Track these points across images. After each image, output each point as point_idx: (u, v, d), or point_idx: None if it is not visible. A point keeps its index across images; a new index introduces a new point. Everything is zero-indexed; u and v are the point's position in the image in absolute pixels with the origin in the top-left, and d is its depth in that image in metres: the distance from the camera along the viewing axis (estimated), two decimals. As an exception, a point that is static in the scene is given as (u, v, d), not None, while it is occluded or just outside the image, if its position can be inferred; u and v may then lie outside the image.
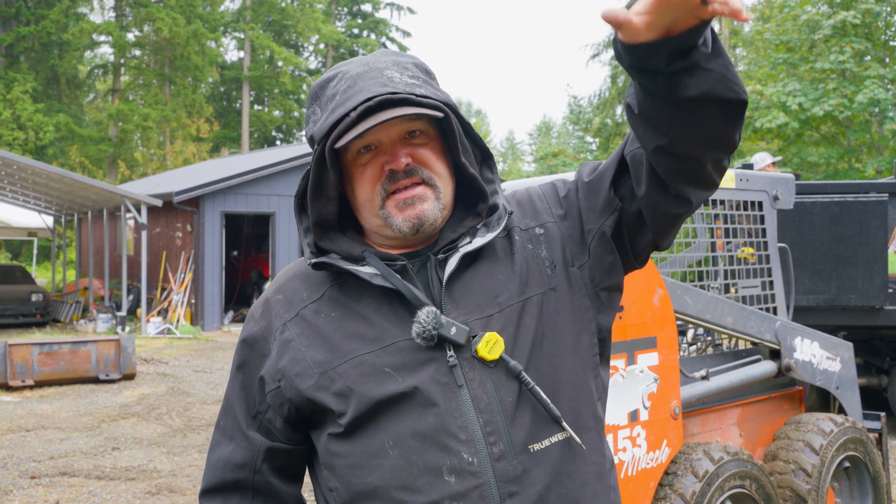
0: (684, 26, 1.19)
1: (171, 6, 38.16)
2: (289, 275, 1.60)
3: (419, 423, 1.39)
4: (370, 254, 1.48)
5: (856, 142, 19.62)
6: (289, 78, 44.75)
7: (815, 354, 4.64)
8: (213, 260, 19.10)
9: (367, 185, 1.47)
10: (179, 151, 40.02)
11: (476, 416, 1.38)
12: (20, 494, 6.53)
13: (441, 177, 1.49)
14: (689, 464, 3.69)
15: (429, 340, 1.40)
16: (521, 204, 1.60)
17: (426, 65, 1.55)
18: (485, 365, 1.41)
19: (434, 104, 1.43)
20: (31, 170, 17.14)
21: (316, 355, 1.46)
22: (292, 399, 1.48)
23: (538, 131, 59.54)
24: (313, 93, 1.53)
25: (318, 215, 1.50)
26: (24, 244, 34.83)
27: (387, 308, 1.46)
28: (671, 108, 1.29)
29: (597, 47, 39.53)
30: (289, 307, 1.53)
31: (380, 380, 1.41)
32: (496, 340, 1.41)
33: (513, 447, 1.38)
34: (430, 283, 1.47)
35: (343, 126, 1.41)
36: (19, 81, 35.04)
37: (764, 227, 4.72)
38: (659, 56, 1.22)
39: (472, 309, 1.45)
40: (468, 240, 1.49)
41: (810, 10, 19.03)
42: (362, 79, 1.45)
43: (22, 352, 11.11)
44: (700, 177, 1.40)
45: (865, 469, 4.65)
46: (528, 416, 1.41)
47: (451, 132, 1.48)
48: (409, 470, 1.38)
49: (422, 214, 1.45)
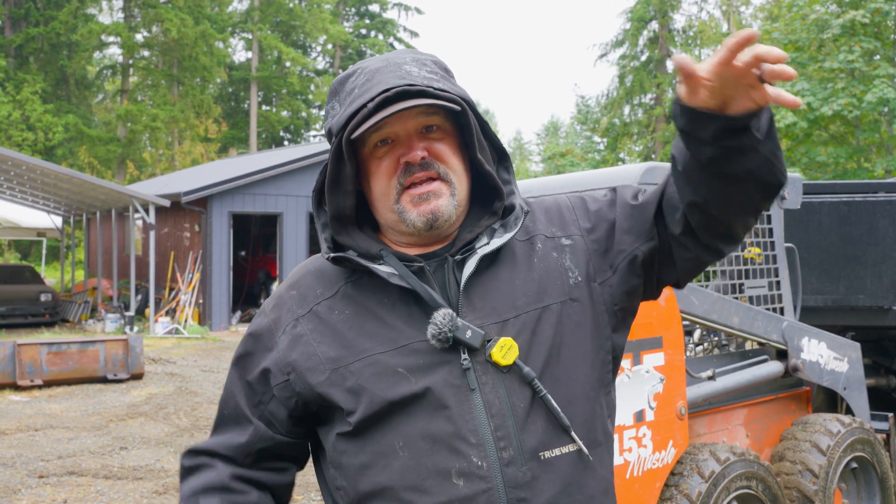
0: (741, 108, 1.25)
1: (180, 7, 38.25)
2: (303, 271, 1.59)
3: (430, 425, 1.38)
4: (388, 253, 1.47)
5: (865, 141, 19.54)
6: (297, 78, 44.80)
7: (822, 355, 4.62)
8: (221, 260, 19.14)
9: (384, 178, 1.46)
10: (188, 152, 40.12)
11: (487, 421, 1.37)
12: (28, 493, 6.55)
13: (456, 173, 1.48)
14: (695, 464, 3.68)
15: (444, 342, 1.39)
16: (549, 212, 1.59)
17: (445, 63, 1.55)
18: (498, 370, 1.40)
19: (451, 97, 1.42)
20: (41, 170, 17.22)
21: (328, 351, 1.45)
22: (301, 393, 1.47)
23: (546, 131, 59.52)
24: (333, 89, 1.53)
25: (336, 209, 1.49)
26: (34, 244, 34.98)
27: (402, 308, 1.45)
28: (711, 176, 1.35)
29: (604, 47, 39.51)
30: (302, 303, 1.52)
31: (393, 380, 1.40)
32: (511, 346, 1.41)
33: (523, 453, 1.37)
34: (447, 284, 1.46)
35: (360, 116, 1.40)
36: (29, 82, 35.18)
37: (771, 227, 4.70)
38: (709, 127, 1.27)
39: (489, 313, 1.44)
40: (485, 241, 1.48)
41: (819, 9, 18.96)
42: (380, 73, 1.45)
43: (31, 351, 11.16)
44: (728, 234, 1.47)
45: (873, 470, 4.63)
46: (540, 424, 1.40)
47: (467, 128, 1.48)
48: (418, 471, 1.37)
49: (436, 210, 1.44)
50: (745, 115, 1.25)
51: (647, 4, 37.12)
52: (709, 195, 1.38)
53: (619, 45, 38.95)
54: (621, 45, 38.93)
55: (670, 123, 35.64)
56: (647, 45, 38.45)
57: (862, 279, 5.99)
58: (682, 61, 1.22)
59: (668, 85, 37.09)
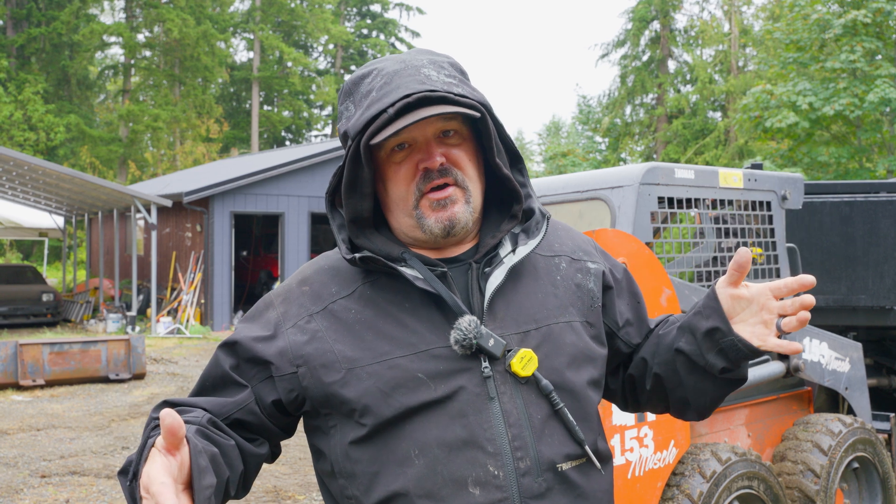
0: (741, 332, 1.44)
1: (181, 7, 38.27)
2: (315, 267, 1.55)
3: (447, 433, 1.36)
4: (410, 255, 1.45)
5: (866, 141, 19.51)
6: (298, 78, 44.81)
7: (823, 355, 4.62)
8: (223, 260, 19.15)
9: (402, 183, 1.44)
10: (189, 152, 40.13)
11: (505, 430, 1.37)
12: (30, 493, 6.56)
13: (472, 179, 1.47)
14: (696, 464, 3.68)
15: (467, 349, 1.38)
16: (572, 236, 1.64)
17: (461, 65, 1.53)
18: (516, 380, 1.40)
19: (471, 104, 1.41)
20: (42, 170, 17.23)
21: (345, 350, 1.41)
22: (308, 388, 1.42)
23: (547, 131, 59.46)
24: (346, 88, 1.51)
25: (354, 212, 1.47)
26: (35, 244, 35.00)
27: (423, 312, 1.43)
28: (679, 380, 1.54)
29: (606, 47, 39.47)
30: (316, 300, 1.48)
31: (412, 385, 1.38)
32: (530, 357, 1.40)
33: (539, 464, 1.37)
34: (470, 291, 1.45)
35: (380, 122, 1.38)
36: (30, 82, 35.21)
37: (772, 227, 4.70)
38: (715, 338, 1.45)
39: (510, 323, 1.44)
40: (510, 247, 1.48)
41: (821, 9, 18.94)
42: (399, 76, 1.43)
43: (33, 351, 11.17)
44: (670, 412, 1.65)
45: (875, 470, 4.62)
46: (557, 436, 1.40)
47: (486, 132, 1.47)
48: (434, 479, 1.35)
49: (453, 217, 1.43)
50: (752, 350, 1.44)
51: (649, 4, 37.10)
52: (672, 398, 1.59)
53: (620, 45, 38.93)
54: (623, 45, 38.90)
55: (671, 123, 35.63)
56: (649, 45, 38.42)
57: (863, 279, 5.99)
58: (744, 256, 1.39)
59: (669, 85, 37.07)
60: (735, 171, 4.49)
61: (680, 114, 35.97)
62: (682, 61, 38.30)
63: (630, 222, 3.95)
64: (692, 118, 35.31)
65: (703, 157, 32.85)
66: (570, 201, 4.39)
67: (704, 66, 35.65)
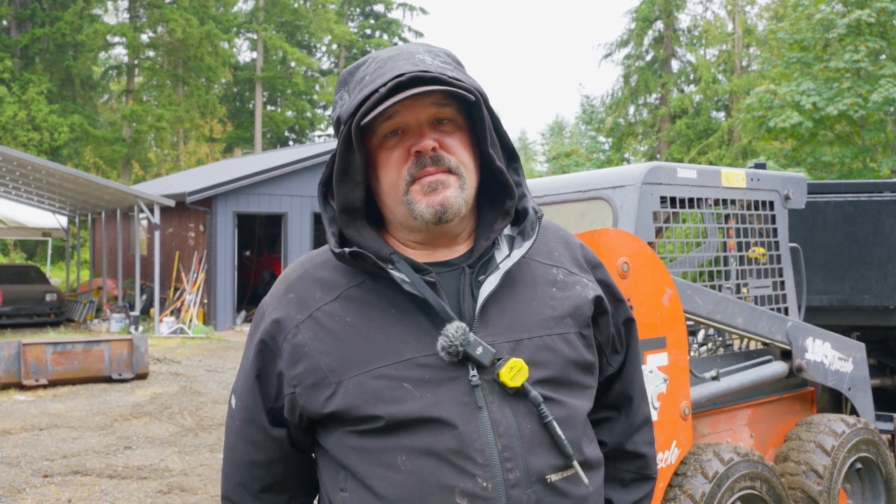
0: None
1: (185, 7, 38.30)
2: (300, 272, 1.52)
3: (435, 442, 1.34)
4: (399, 258, 1.42)
5: (870, 141, 19.47)
6: (301, 78, 44.84)
7: (826, 355, 4.61)
8: (226, 260, 19.16)
9: (393, 169, 1.41)
10: (192, 152, 40.16)
11: (495, 441, 1.34)
12: (33, 493, 6.56)
13: (467, 168, 1.43)
14: (698, 465, 3.67)
15: (453, 356, 1.35)
16: (569, 246, 1.59)
17: (458, 57, 1.51)
18: (504, 390, 1.37)
19: (466, 87, 1.38)
20: (46, 170, 17.25)
21: (330, 363, 1.39)
22: (305, 407, 1.42)
23: (550, 131, 59.42)
24: (342, 79, 1.49)
25: (345, 201, 1.43)
26: (39, 244, 35.06)
27: (410, 319, 1.40)
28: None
29: (609, 47, 39.41)
30: (301, 307, 1.45)
31: (398, 394, 1.35)
32: (521, 368, 1.37)
33: (528, 476, 1.35)
34: (462, 296, 1.42)
35: (371, 102, 1.35)
36: (34, 82, 35.26)
37: (775, 226, 4.69)
38: None
39: (502, 330, 1.41)
40: (506, 251, 1.45)
41: (824, 8, 18.90)
42: (393, 60, 1.42)
43: (36, 351, 11.18)
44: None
45: (878, 470, 4.61)
46: (546, 448, 1.37)
47: (480, 121, 1.44)
48: (421, 487, 1.34)
49: (445, 202, 1.39)
50: None
51: (652, 4, 37.05)
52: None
53: (623, 44, 38.89)
54: (626, 44, 38.85)
55: (675, 123, 35.58)
56: (652, 45, 38.37)
57: (867, 279, 5.97)
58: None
59: (672, 84, 37.02)
60: (738, 171, 4.48)
61: (683, 114, 35.91)
62: (686, 61, 38.24)
63: (632, 222, 3.94)
64: (695, 118, 35.25)
65: (706, 157, 32.80)
66: (572, 201, 4.38)
67: (708, 65, 35.59)
